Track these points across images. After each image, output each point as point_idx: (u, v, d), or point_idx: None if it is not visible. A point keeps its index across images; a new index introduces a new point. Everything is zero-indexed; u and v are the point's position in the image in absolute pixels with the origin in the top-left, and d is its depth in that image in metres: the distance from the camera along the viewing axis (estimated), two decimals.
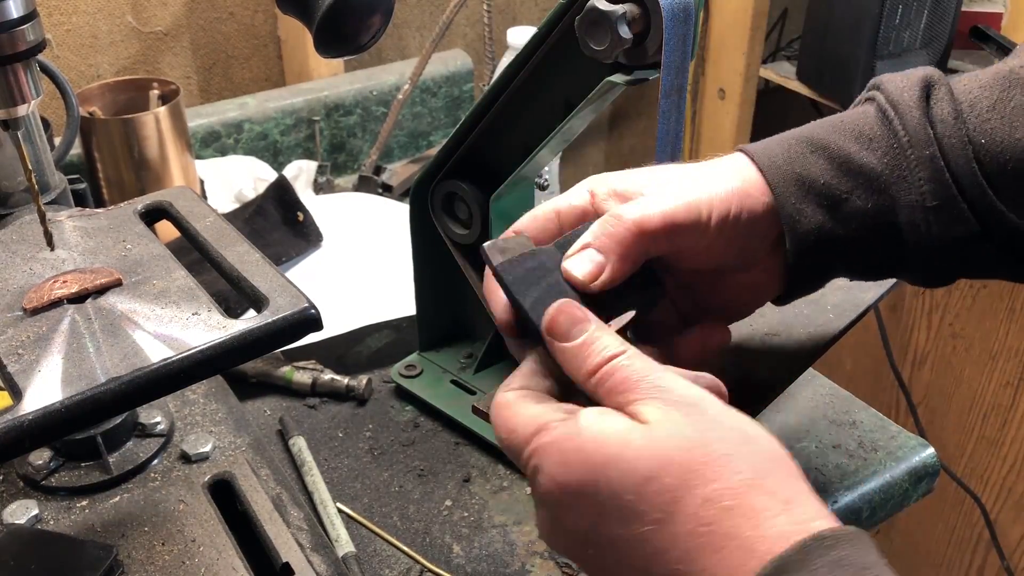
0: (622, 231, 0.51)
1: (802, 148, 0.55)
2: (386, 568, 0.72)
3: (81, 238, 0.63)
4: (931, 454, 0.83)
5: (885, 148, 0.53)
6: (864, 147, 0.54)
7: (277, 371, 0.89)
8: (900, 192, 0.53)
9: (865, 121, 0.55)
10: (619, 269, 0.51)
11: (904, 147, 0.53)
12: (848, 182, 0.53)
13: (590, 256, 0.51)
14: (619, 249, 0.51)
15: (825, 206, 0.53)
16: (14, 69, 0.58)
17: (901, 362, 1.65)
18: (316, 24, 1.00)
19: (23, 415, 0.48)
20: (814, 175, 0.53)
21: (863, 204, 0.53)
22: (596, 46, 0.64)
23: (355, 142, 1.38)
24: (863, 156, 0.53)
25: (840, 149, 0.54)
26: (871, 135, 0.54)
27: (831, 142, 0.54)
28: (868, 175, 0.53)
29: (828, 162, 0.54)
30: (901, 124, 0.53)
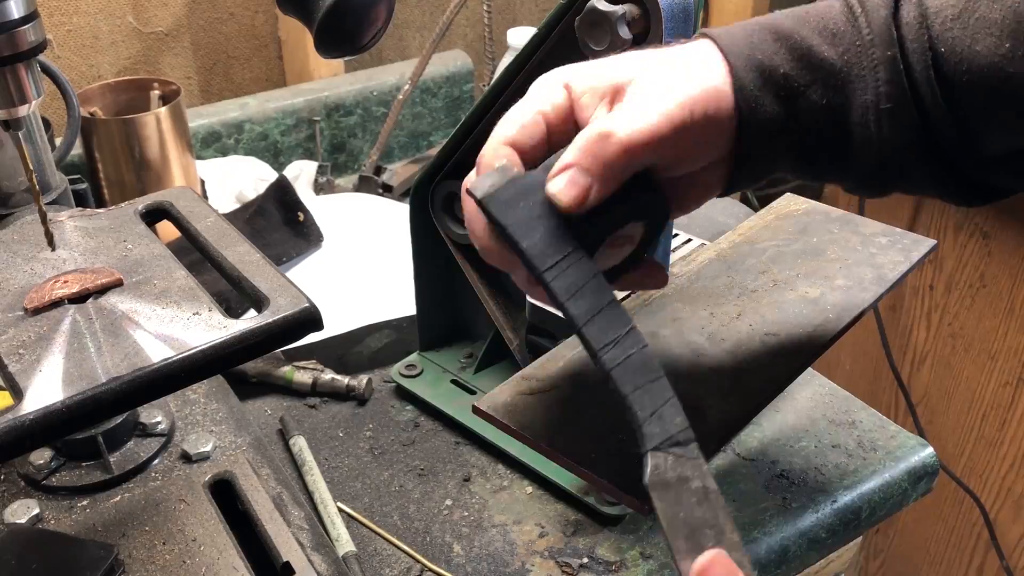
0: (609, 152, 0.49)
1: (765, 36, 0.53)
2: (386, 567, 0.72)
3: (82, 238, 0.64)
4: (930, 454, 0.83)
5: (847, 45, 0.52)
6: (826, 41, 0.52)
7: (278, 371, 0.89)
8: (856, 90, 0.52)
9: (831, 15, 0.53)
10: (605, 189, 0.50)
11: (867, 46, 0.52)
12: (807, 75, 0.52)
13: (573, 178, 0.49)
14: (605, 170, 0.49)
15: (782, 97, 0.52)
16: (15, 69, 0.59)
17: (900, 362, 1.65)
18: (317, 24, 1.01)
19: (24, 415, 0.48)
20: (775, 64, 0.52)
21: (818, 99, 0.52)
22: (596, 47, 0.64)
23: (355, 142, 1.38)
24: (824, 50, 0.52)
25: (803, 40, 0.52)
26: (835, 30, 0.53)
27: (794, 32, 0.53)
28: (827, 70, 0.52)
29: (789, 52, 0.52)
30: (867, 22, 0.52)
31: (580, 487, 0.76)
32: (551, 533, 0.75)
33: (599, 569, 0.72)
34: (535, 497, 0.78)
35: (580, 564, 0.72)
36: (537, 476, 0.79)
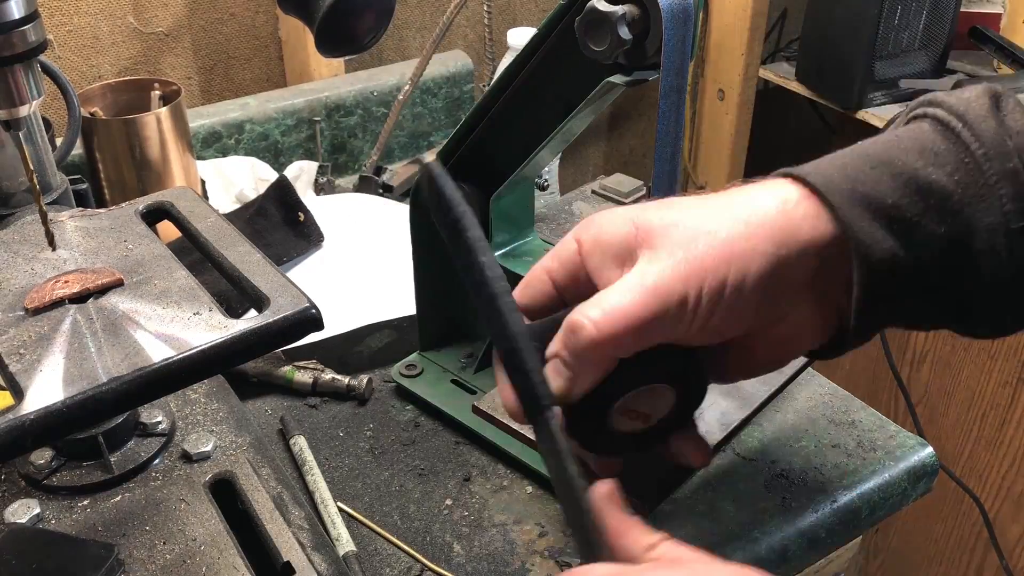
0: (580, 346, 0.46)
1: (860, 164, 0.47)
2: (387, 567, 0.72)
3: (83, 238, 0.64)
4: (930, 453, 0.83)
5: (955, 164, 0.46)
6: (930, 163, 0.46)
7: (278, 371, 0.89)
8: (977, 213, 0.45)
9: (925, 136, 0.47)
10: (589, 380, 0.47)
11: (980, 161, 0.45)
12: (918, 203, 0.45)
13: (556, 369, 0.47)
14: (580, 365, 0.47)
15: (896, 231, 0.45)
16: (15, 70, 0.59)
17: (900, 362, 1.65)
18: (317, 24, 1.01)
19: (24, 414, 0.48)
20: (881, 194, 0.45)
21: (936, 228, 0.45)
22: (596, 47, 0.64)
23: (356, 142, 1.38)
24: (931, 172, 0.45)
25: (905, 165, 0.46)
26: (935, 150, 0.46)
27: (893, 157, 0.46)
28: (939, 194, 0.45)
29: (893, 179, 0.46)
30: (974, 136, 0.46)
31: None
32: (551, 533, 0.75)
33: None
34: (535, 497, 0.78)
35: (580, 564, 0.72)
36: (537, 476, 0.79)
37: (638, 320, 0.45)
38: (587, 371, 0.47)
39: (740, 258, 0.45)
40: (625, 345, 0.46)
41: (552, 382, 0.47)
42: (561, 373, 0.47)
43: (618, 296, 0.46)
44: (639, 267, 0.47)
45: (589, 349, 0.46)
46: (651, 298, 0.45)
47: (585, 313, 0.47)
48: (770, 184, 0.48)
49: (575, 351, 0.46)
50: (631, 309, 0.45)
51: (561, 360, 0.47)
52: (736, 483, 0.78)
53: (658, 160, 0.70)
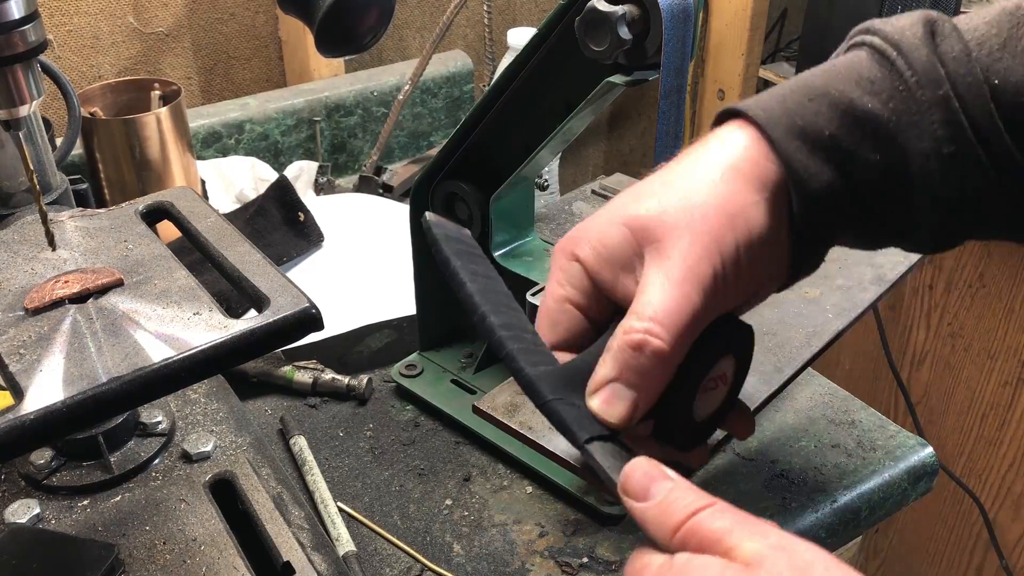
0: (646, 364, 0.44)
1: (799, 98, 0.48)
2: (387, 567, 0.72)
3: (82, 238, 0.64)
4: (930, 453, 0.83)
5: (890, 91, 0.47)
6: (866, 91, 0.47)
7: (278, 371, 0.89)
8: (910, 139, 0.46)
9: (861, 64, 0.48)
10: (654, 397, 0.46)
11: (912, 88, 0.46)
12: (855, 132, 0.47)
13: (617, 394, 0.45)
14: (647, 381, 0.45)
15: (834, 162, 0.47)
16: (15, 70, 0.59)
17: (900, 362, 1.65)
18: (317, 24, 1.01)
19: (25, 414, 0.48)
20: (818, 126, 0.47)
21: (871, 156, 0.47)
22: (596, 47, 0.64)
23: (356, 142, 1.38)
24: (867, 101, 0.47)
25: (841, 95, 0.47)
26: (871, 78, 0.47)
27: (830, 87, 0.47)
28: (874, 123, 0.47)
29: (830, 110, 0.47)
30: (907, 64, 0.47)
31: (580, 487, 0.76)
32: (551, 533, 0.75)
33: (599, 569, 0.72)
34: (535, 497, 0.78)
35: (580, 564, 0.72)
36: (537, 476, 0.79)
37: (688, 314, 0.45)
38: (655, 384, 0.45)
39: (739, 217, 0.46)
40: (687, 343, 0.46)
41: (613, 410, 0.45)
42: (624, 396, 0.45)
43: (660, 298, 0.45)
44: (656, 264, 0.46)
45: (658, 361, 0.45)
46: (688, 288, 0.45)
47: (637, 327, 0.45)
48: (722, 133, 0.49)
49: (641, 368, 0.45)
50: (678, 305, 0.45)
51: (623, 383, 0.45)
52: (736, 483, 0.78)
53: (658, 160, 0.70)
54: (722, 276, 0.45)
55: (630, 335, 0.45)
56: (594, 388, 0.45)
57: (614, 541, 0.74)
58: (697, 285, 0.45)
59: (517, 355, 0.46)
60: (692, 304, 0.45)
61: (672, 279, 0.45)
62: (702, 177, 0.47)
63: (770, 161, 0.47)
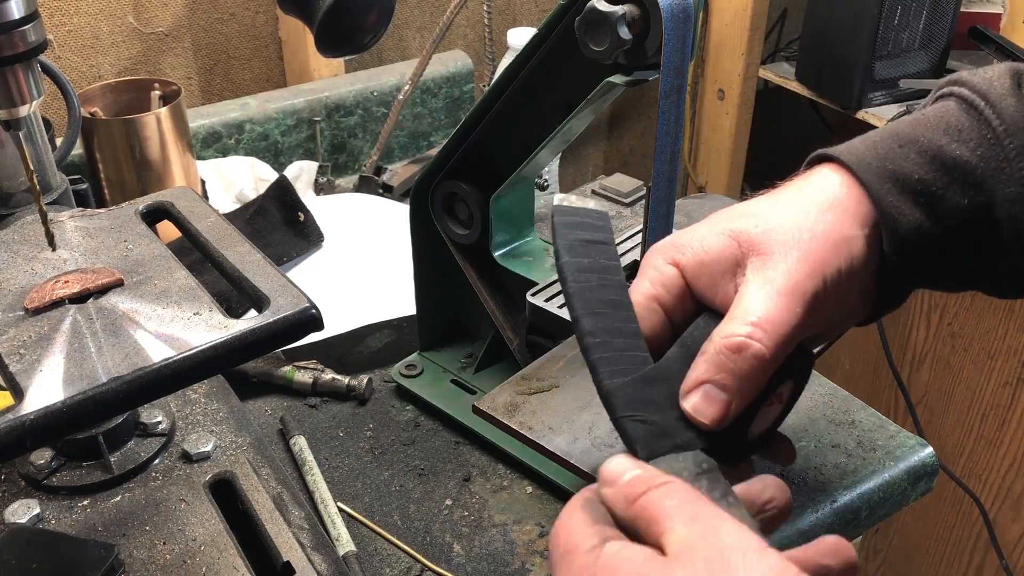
0: (745, 367, 0.45)
1: (890, 144, 0.50)
2: (387, 567, 0.72)
3: (83, 238, 0.64)
4: (930, 454, 0.83)
5: (978, 139, 0.49)
6: (954, 139, 0.49)
7: (278, 371, 0.89)
8: (998, 185, 0.49)
9: (950, 114, 0.51)
10: (747, 399, 0.46)
11: (1000, 136, 0.49)
12: (943, 177, 0.49)
13: (711, 396, 0.46)
14: (743, 384, 0.46)
15: (922, 204, 0.49)
16: (15, 70, 0.59)
17: (900, 361, 1.65)
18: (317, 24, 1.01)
19: (25, 415, 0.48)
20: (907, 171, 0.49)
21: (960, 200, 0.49)
22: (596, 47, 0.64)
23: (356, 142, 1.38)
24: (955, 148, 0.49)
25: (931, 142, 0.50)
26: (959, 127, 0.50)
27: (919, 136, 0.50)
28: (963, 168, 0.49)
29: (919, 156, 0.49)
30: (995, 113, 0.49)
31: (580, 487, 0.76)
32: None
33: None
34: (535, 497, 0.78)
35: None
36: (537, 476, 0.79)
37: (790, 325, 0.46)
38: (749, 389, 0.46)
39: (843, 244, 0.48)
40: (783, 354, 0.47)
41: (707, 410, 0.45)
42: (716, 399, 0.46)
43: (764, 305, 0.46)
44: (761, 274, 0.47)
45: (756, 365, 0.45)
46: (793, 300, 0.46)
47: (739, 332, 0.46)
48: (820, 173, 0.51)
49: (738, 371, 0.45)
50: (782, 315, 0.46)
51: (715, 385, 0.46)
52: None
53: (658, 160, 0.70)
54: (822, 298, 0.47)
55: (730, 338, 0.46)
56: (688, 388, 0.46)
57: None
58: (801, 300, 0.46)
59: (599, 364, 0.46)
60: (795, 316, 0.46)
61: (777, 289, 0.46)
62: (808, 206, 0.49)
63: (865, 202, 0.49)
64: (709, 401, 0.46)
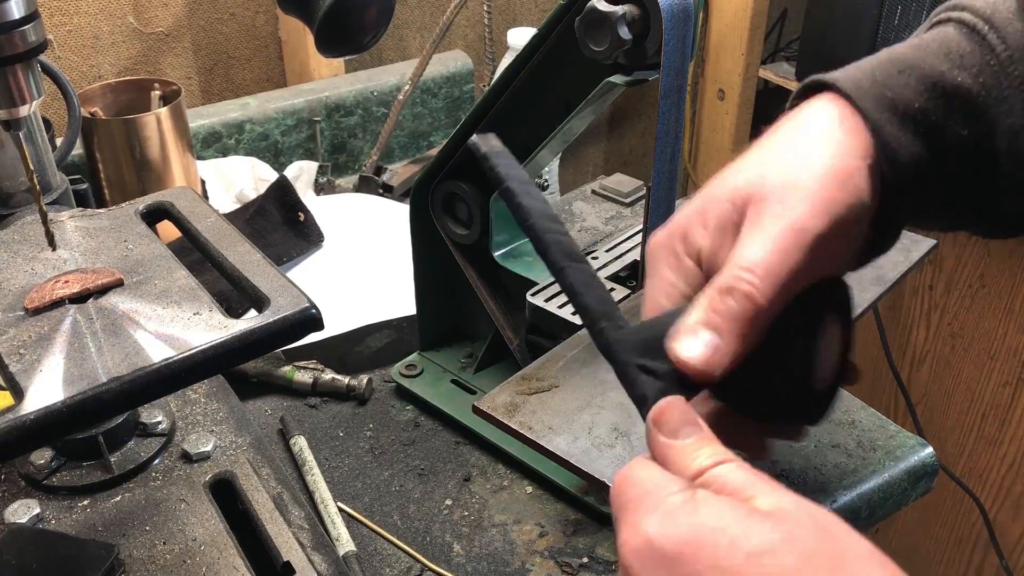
0: (736, 308, 0.42)
1: (889, 70, 0.47)
2: (387, 567, 0.72)
3: (83, 238, 0.64)
4: (930, 453, 0.83)
5: (980, 66, 0.46)
6: (956, 65, 0.46)
7: (278, 371, 0.89)
8: (999, 115, 0.46)
9: (951, 39, 0.47)
10: (742, 348, 0.43)
11: (1004, 63, 0.46)
12: (943, 106, 0.46)
13: (704, 339, 0.42)
14: (736, 327, 0.42)
15: (922, 134, 0.46)
16: (15, 70, 0.59)
17: (900, 361, 1.65)
18: (317, 24, 1.01)
19: (25, 414, 0.48)
20: (907, 98, 0.46)
21: (959, 130, 0.46)
22: (596, 47, 0.64)
23: (356, 142, 1.38)
24: (956, 75, 0.46)
25: (931, 68, 0.46)
26: (960, 52, 0.47)
27: (920, 61, 0.47)
28: (964, 97, 0.46)
29: (919, 83, 0.46)
30: (999, 38, 0.46)
31: (580, 487, 0.76)
32: (551, 533, 0.75)
33: (599, 569, 0.72)
34: (535, 497, 0.78)
35: (580, 564, 0.72)
36: (537, 476, 0.79)
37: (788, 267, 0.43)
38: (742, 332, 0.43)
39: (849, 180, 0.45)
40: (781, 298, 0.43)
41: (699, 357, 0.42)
42: (709, 345, 0.42)
43: (754, 251, 0.43)
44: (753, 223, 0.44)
45: (748, 306, 0.42)
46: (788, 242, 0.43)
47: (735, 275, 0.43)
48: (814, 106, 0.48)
49: (729, 312, 0.42)
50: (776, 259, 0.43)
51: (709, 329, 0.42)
52: None
53: (658, 160, 0.70)
54: (831, 237, 0.44)
55: (720, 281, 0.43)
56: (676, 332, 0.43)
57: (614, 541, 0.74)
58: (799, 242, 0.43)
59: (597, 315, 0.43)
60: (792, 259, 0.43)
61: (769, 234, 0.43)
62: (807, 143, 0.46)
63: (864, 132, 0.46)
64: (697, 342, 0.42)
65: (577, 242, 0.47)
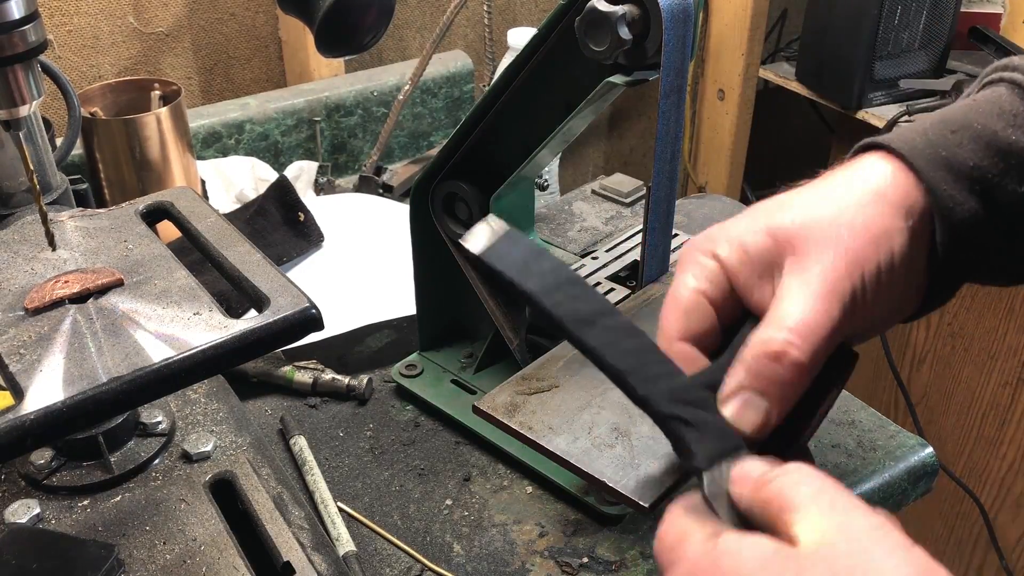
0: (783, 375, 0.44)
1: (941, 130, 0.48)
2: (387, 567, 0.72)
3: (83, 238, 0.64)
4: (930, 454, 0.83)
5: None
6: (1009, 124, 0.47)
7: (278, 371, 0.89)
8: None
9: (1002, 99, 0.49)
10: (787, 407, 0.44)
11: None
12: (999, 164, 0.47)
13: (751, 403, 0.44)
14: (782, 391, 0.44)
15: (978, 191, 0.47)
16: (15, 70, 0.59)
17: (900, 361, 1.65)
18: (317, 24, 1.01)
19: (25, 414, 0.48)
20: (962, 157, 0.47)
21: (1016, 187, 0.47)
22: (596, 47, 0.64)
23: (356, 142, 1.38)
24: (1011, 134, 0.47)
25: (984, 128, 0.47)
26: (1014, 112, 0.48)
27: (973, 121, 0.48)
28: (1019, 154, 0.47)
29: (973, 142, 0.47)
30: None
31: (580, 487, 0.76)
32: (551, 533, 0.75)
33: (599, 569, 0.72)
34: (535, 497, 0.78)
35: (580, 564, 0.72)
36: (537, 476, 0.79)
37: (828, 329, 0.44)
38: (788, 396, 0.44)
39: (884, 239, 0.46)
40: (822, 359, 0.45)
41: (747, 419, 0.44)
42: (757, 407, 0.44)
43: (801, 309, 0.44)
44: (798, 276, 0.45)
45: (795, 372, 0.44)
46: (830, 302, 0.44)
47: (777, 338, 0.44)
48: (864, 162, 0.49)
49: (778, 379, 0.44)
50: (819, 319, 0.44)
51: (756, 392, 0.44)
52: None
53: (658, 160, 0.70)
54: (861, 296, 0.45)
55: (768, 345, 0.44)
56: (727, 395, 0.45)
57: (614, 541, 0.74)
58: (838, 301, 0.44)
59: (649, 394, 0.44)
60: (832, 319, 0.44)
61: (814, 292, 0.44)
62: (848, 198, 0.47)
63: (915, 190, 0.47)
64: (749, 408, 0.44)
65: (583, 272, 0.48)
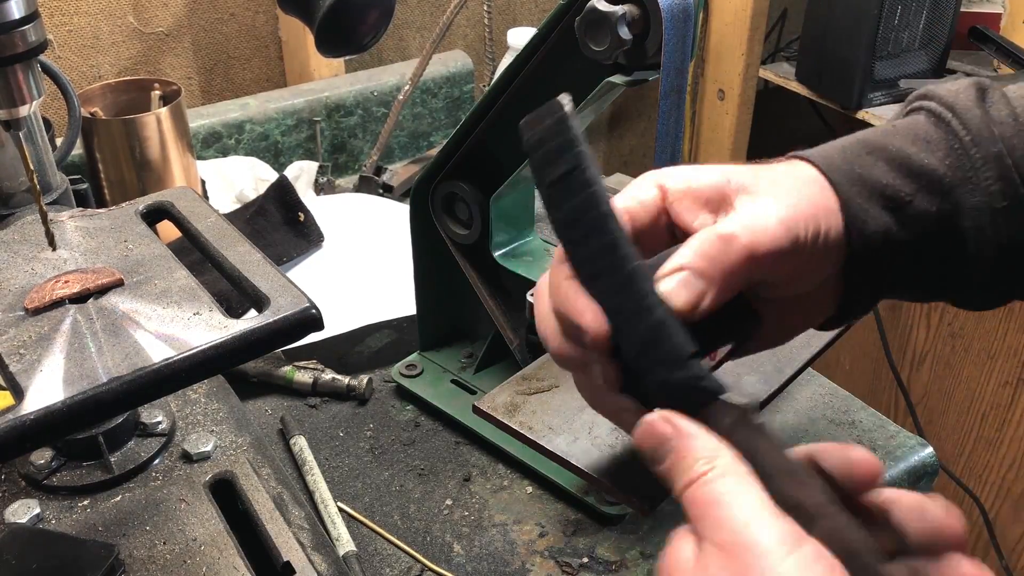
0: (731, 258, 0.45)
1: (858, 150, 0.51)
2: (387, 567, 0.72)
3: (83, 238, 0.64)
4: (930, 454, 0.83)
5: (946, 150, 0.50)
6: (922, 149, 0.50)
7: (278, 371, 0.89)
8: (964, 195, 0.50)
9: (918, 126, 0.52)
10: (721, 297, 0.45)
11: (967, 146, 0.50)
12: (911, 184, 0.50)
13: (687, 281, 0.44)
14: (724, 276, 0.45)
15: (890, 208, 0.49)
16: (15, 70, 0.59)
17: (900, 362, 1.65)
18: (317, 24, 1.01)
19: (25, 415, 0.48)
20: (876, 176, 0.49)
21: (927, 207, 0.49)
22: (596, 47, 0.64)
23: (356, 143, 1.38)
24: (923, 157, 0.50)
25: (899, 151, 0.50)
26: (927, 138, 0.51)
27: (888, 144, 0.51)
28: (930, 176, 0.50)
29: (888, 164, 0.50)
30: (961, 124, 0.50)
31: (580, 487, 0.76)
32: (551, 533, 0.75)
33: (599, 569, 0.72)
34: (535, 497, 0.78)
35: (580, 564, 0.72)
36: (537, 476, 0.79)
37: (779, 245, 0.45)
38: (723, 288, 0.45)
39: (822, 214, 0.48)
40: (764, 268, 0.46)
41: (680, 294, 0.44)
42: (692, 286, 0.44)
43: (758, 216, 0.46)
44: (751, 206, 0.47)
45: (737, 262, 0.45)
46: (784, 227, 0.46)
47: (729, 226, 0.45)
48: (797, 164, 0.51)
49: (720, 261, 0.45)
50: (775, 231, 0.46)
51: (695, 272, 0.44)
52: None
53: (658, 160, 0.70)
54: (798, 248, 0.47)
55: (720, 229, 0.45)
56: (667, 271, 0.45)
57: (614, 541, 0.74)
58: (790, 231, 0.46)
59: None
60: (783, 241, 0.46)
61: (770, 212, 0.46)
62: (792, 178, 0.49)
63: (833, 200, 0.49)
64: (684, 286, 0.44)
65: None
